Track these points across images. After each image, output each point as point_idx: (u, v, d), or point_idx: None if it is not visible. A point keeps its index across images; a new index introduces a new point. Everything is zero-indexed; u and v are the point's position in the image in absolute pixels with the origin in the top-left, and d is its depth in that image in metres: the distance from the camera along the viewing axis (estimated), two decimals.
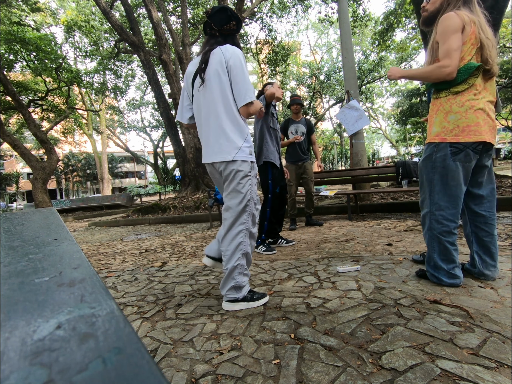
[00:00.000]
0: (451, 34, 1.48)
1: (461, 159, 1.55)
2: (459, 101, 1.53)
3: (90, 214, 11.92)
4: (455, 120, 1.54)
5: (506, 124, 16.41)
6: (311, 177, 4.02)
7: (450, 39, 1.47)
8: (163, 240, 4.32)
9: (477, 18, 1.51)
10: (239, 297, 1.62)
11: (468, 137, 1.52)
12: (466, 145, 1.53)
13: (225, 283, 1.64)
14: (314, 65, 20.53)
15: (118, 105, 24.72)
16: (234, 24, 1.56)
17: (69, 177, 31.28)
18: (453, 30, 1.47)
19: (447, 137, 1.56)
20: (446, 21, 1.50)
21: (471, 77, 1.51)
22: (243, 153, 1.52)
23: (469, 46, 1.49)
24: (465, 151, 1.54)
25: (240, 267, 1.61)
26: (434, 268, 1.67)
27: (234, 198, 1.57)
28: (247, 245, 1.61)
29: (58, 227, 0.64)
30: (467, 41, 1.49)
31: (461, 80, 1.52)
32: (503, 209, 3.78)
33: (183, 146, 8.65)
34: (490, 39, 1.50)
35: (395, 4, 10.83)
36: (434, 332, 1.20)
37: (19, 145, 9.74)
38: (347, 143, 23.82)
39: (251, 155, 1.57)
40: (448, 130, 1.56)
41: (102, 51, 13.88)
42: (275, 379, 1.02)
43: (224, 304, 1.66)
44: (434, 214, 1.64)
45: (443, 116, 1.58)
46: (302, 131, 3.97)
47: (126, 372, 0.19)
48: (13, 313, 0.27)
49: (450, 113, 1.56)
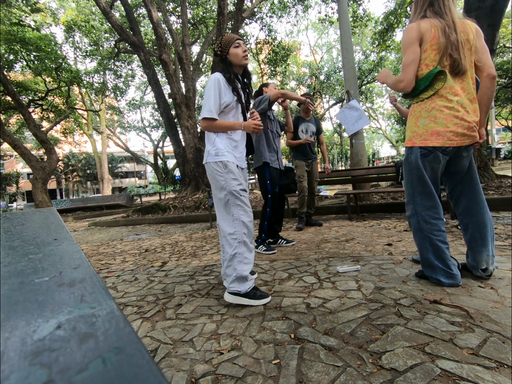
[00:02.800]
0: (406, 49, 1.58)
1: (430, 161, 1.61)
2: (428, 107, 1.59)
3: (90, 214, 11.92)
4: (424, 125, 1.61)
5: (506, 124, 16.40)
6: (316, 177, 4.02)
7: (405, 55, 1.58)
8: (163, 240, 4.32)
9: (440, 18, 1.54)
10: (241, 291, 1.65)
11: (436, 142, 1.57)
12: (435, 148, 1.58)
13: (226, 274, 1.69)
14: (314, 65, 20.54)
15: (118, 105, 24.71)
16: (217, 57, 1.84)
17: (69, 177, 31.28)
18: (407, 45, 1.57)
19: (416, 141, 1.63)
20: (403, 36, 1.61)
21: (436, 82, 1.57)
22: (210, 157, 1.75)
23: (431, 52, 1.54)
24: (434, 153, 1.60)
25: (239, 256, 1.66)
26: (431, 268, 1.67)
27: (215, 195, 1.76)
28: (241, 233, 1.68)
29: (58, 227, 0.64)
30: (428, 48, 1.54)
31: (425, 87, 1.58)
32: (503, 209, 3.78)
33: (183, 146, 8.64)
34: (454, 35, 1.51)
35: (395, 4, 10.83)
36: (434, 332, 1.20)
37: (19, 145, 9.74)
38: (347, 143, 23.82)
39: (217, 156, 1.74)
40: (418, 134, 1.63)
41: (102, 51, 13.87)
42: (275, 379, 1.02)
43: (226, 295, 1.70)
44: (420, 215, 1.68)
45: (414, 121, 1.66)
46: (312, 130, 3.92)
47: (126, 372, 0.19)
48: (13, 313, 0.27)
49: (420, 118, 1.63)
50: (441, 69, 1.54)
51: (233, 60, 1.78)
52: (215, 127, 1.75)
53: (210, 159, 1.74)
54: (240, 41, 1.78)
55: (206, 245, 3.60)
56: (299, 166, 3.85)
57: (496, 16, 4.84)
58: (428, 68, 1.57)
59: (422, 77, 1.59)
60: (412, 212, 1.72)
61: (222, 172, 1.72)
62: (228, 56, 1.78)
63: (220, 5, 7.34)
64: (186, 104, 8.57)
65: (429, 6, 1.59)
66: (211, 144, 1.77)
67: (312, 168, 3.97)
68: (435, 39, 1.52)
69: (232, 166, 1.74)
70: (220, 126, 1.75)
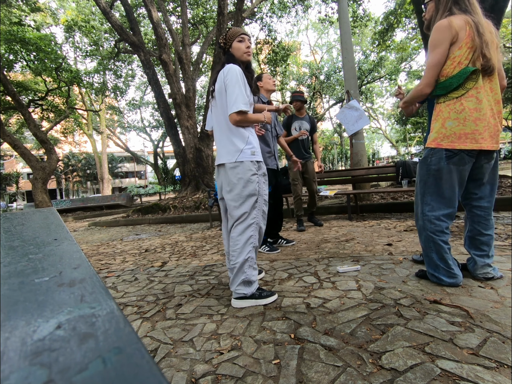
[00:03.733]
0: (434, 48, 1.52)
1: (455, 163, 1.57)
2: (458, 108, 1.53)
3: (90, 214, 11.92)
4: (452, 127, 1.55)
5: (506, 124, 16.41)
6: (313, 178, 3.85)
7: (431, 54, 1.53)
8: (163, 240, 4.32)
9: (473, 16, 1.50)
10: (247, 293, 1.64)
11: (464, 145, 1.52)
12: (461, 150, 1.54)
13: (235, 278, 1.66)
14: (314, 65, 20.53)
15: (118, 105, 24.70)
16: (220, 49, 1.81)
17: (69, 177, 31.28)
18: (437, 44, 1.51)
19: (443, 143, 1.58)
20: (433, 34, 1.53)
21: (468, 82, 1.51)
22: (244, 155, 1.66)
23: (466, 50, 1.49)
24: (460, 155, 1.55)
25: (250, 260, 1.66)
26: (434, 267, 1.67)
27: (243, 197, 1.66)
28: (256, 239, 1.69)
29: (58, 227, 0.64)
30: (463, 46, 1.49)
31: (457, 86, 1.52)
32: (503, 209, 3.78)
33: (183, 146, 8.64)
34: (486, 34, 1.49)
35: (395, 4, 10.83)
36: (434, 332, 1.20)
37: (19, 145, 9.74)
38: (347, 143, 23.81)
39: (253, 155, 1.69)
40: (445, 136, 1.57)
41: (102, 51, 13.87)
42: (275, 379, 1.02)
43: (233, 301, 1.67)
44: (426, 215, 1.67)
45: (442, 122, 1.60)
46: (306, 128, 3.79)
47: (126, 372, 0.19)
48: (13, 313, 0.27)
49: (448, 120, 1.57)
50: (475, 68, 1.49)
51: (235, 53, 1.74)
52: (247, 121, 1.67)
53: (246, 158, 1.65)
54: (244, 36, 1.74)
55: (206, 245, 3.60)
56: (292, 169, 3.65)
57: (496, 16, 4.83)
58: (460, 66, 1.51)
59: (455, 74, 1.51)
60: (421, 211, 1.71)
61: (257, 174, 1.67)
62: (231, 49, 1.75)
63: (220, 5, 7.34)
64: (186, 104, 8.57)
65: (454, 4, 1.54)
66: (244, 142, 1.68)
67: (307, 168, 3.80)
68: (470, 37, 1.47)
69: (265, 169, 1.74)
70: (251, 120, 1.68)
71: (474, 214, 1.72)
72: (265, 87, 2.75)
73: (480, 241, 1.70)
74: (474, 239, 1.72)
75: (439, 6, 1.59)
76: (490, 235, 1.71)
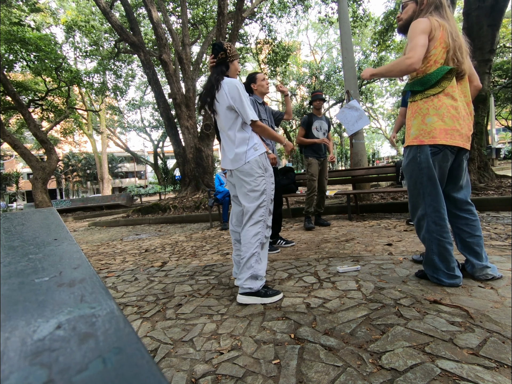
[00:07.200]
0: (418, 33, 1.52)
1: (439, 159, 1.59)
2: (436, 104, 1.56)
3: (90, 214, 11.92)
4: (432, 122, 1.57)
5: (506, 124, 16.40)
6: (326, 176, 4.00)
7: (416, 37, 1.52)
8: (163, 240, 4.32)
9: (447, 22, 1.57)
10: (254, 288, 1.68)
11: (445, 140, 1.56)
12: (445, 146, 1.57)
13: (242, 272, 1.72)
14: (314, 65, 20.53)
15: (118, 105, 24.70)
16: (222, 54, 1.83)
17: (69, 177, 31.29)
18: (420, 31, 1.52)
19: (424, 139, 1.60)
20: (416, 24, 1.56)
21: (444, 81, 1.55)
22: (249, 154, 1.76)
23: (440, 50, 1.54)
24: (444, 151, 1.58)
25: (257, 255, 1.73)
26: (434, 269, 1.67)
27: (251, 196, 1.76)
28: (263, 235, 1.77)
29: (58, 227, 0.64)
30: (438, 45, 1.53)
31: (434, 83, 1.56)
32: (503, 209, 3.78)
33: (183, 146, 8.64)
34: (457, 40, 1.55)
35: (395, 4, 10.83)
36: (434, 332, 1.20)
37: (19, 145, 9.74)
38: (347, 143, 23.81)
39: (256, 150, 1.77)
40: (426, 132, 1.59)
41: (102, 51, 13.87)
42: (275, 379, 1.02)
43: (238, 297, 1.71)
44: (430, 216, 1.65)
45: (421, 119, 1.61)
46: (325, 128, 3.92)
47: (126, 372, 0.19)
48: (13, 313, 0.27)
49: (427, 116, 1.59)
50: (452, 67, 1.53)
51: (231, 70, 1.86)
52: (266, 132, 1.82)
53: (251, 157, 1.75)
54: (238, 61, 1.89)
55: (206, 245, 3.60)
56: (313, 165, 3.80)
57: (496, 16, 4.84)
58: (436, 65, 1.55)
59: (432, 72, 1.55)
60: (422, 213, 1.67)
61: (264, 175, 1.76)
62: (230, 64, 1.85)
63: (220, 5, 7.34)
64: (186, 104, 8.57)
65: (434, 9, 1.60)
66: (245, 144, 1.77)
67: (323, 166, 3.95)
68: (443, 39, 1.52)
69: (271, 170, 1.82)
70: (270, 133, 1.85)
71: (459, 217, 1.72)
72: (259, 90, 2.74)
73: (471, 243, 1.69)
74: (465, 241, 1.72)
75: (421, 8, 1.63)
76: (479, 236, 1.70)
